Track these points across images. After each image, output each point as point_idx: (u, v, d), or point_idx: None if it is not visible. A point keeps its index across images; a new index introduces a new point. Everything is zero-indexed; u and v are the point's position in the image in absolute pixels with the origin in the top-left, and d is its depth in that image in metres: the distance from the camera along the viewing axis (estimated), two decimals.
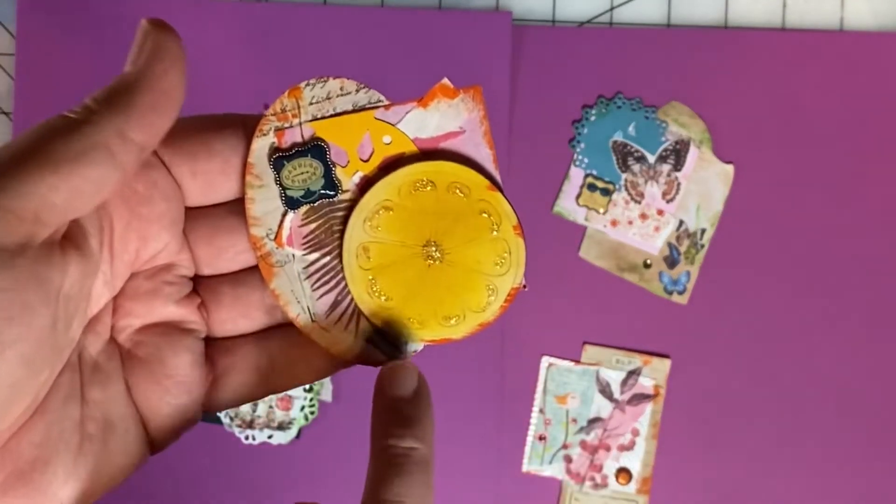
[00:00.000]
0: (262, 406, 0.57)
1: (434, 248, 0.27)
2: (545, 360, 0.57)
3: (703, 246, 0.57)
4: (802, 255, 0.57)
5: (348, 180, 0.27)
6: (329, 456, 0.57)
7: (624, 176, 0.57)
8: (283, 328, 0.28)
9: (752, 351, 0.57)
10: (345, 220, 0.27)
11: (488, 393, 0.57)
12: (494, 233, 0.28)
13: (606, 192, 0.57)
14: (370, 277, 0.27)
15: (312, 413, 0.57)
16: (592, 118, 0.57)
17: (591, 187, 0.57)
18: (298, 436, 0.57)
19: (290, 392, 0.57)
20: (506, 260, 0.28)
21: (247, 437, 0.57)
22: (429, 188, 0.27)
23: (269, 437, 0.57)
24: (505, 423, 0.57)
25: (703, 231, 0.57)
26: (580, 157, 0.57)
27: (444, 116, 0.27)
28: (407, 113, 0.27)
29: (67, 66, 0.58)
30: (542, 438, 0.57)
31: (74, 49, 0.57)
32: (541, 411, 0.57)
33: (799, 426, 0.57)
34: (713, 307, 0.57)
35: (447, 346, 0.60)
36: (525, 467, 0.57)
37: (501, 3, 0.58)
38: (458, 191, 0.27)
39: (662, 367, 0.57)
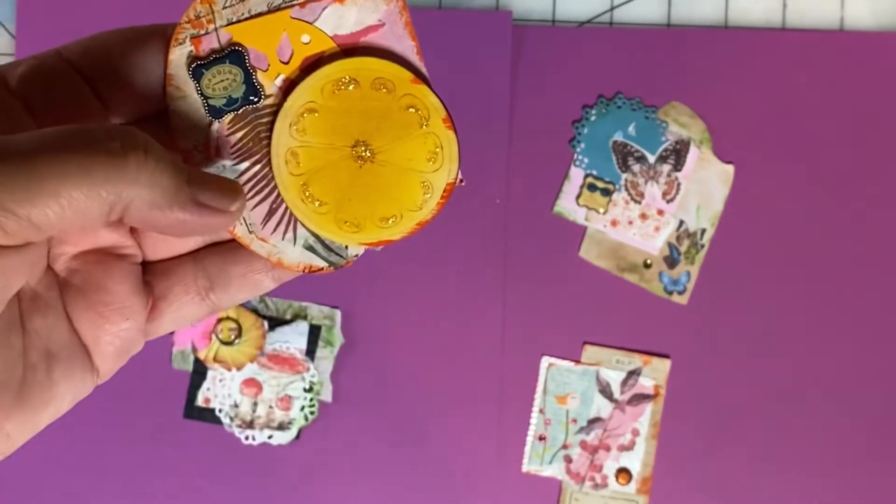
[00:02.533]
0: (262, 406, 0.57)
1: (364, 149, 0.26)
2: (545, 360, 0.57)
3: (703, 246, 0.57)
4: (802, 254, 0.57)
5: (271, 84, 0.26)
6: (329, 456, 0.57)
7: (624, 176, 0.57)
8: (219, 245, 0.28)
9: (752, 351, 0.57)
10: (271, 126, 0.26)
11: (488, 393, 0.57)
12: (424, 127, 0.27)
13: (606, 192, 0.57)
14: (302, 183, 0.27)
15: (312, 413, 0.57)
16: (592, 118, 0.57)
17: (591, 187, 0.57)
18: (298, 436, 0.57)
19: (289, 392, 0.57)
20: (438, 155, 0.27)
21: (247, 438, 0.57)
22: (352, 86, 0.26)
23: (269, 437, 0.57)
24: (505, 423, 0.57)
25: (703, 231, 0.57)
26: (580, 157, 0.57)
27: (363, 10, 0.26)
28: (324, 9, 0.26)
29: None
30: (542, 438, 0.57)
31: None
32: (541, 411, 0.57)
33: (799, 426, 0.57)
34: (713, 307, 0.57)
35: (446, 345, 0.60)
36: (525, 467, 0.57)
37: (501, 3, 0.58)
38: (382, 87, 0.26)
39: (662, 367, 0.57)
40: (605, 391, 0.57)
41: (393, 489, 0.57)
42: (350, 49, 0.26)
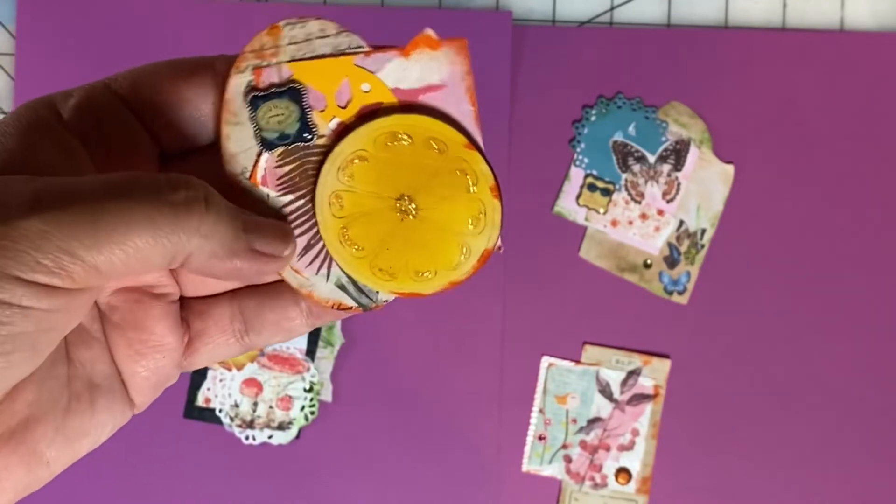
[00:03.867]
0: (262, 406, 0.57)
1: (408, 203, 0.27)
2: (545, 360, 0.57)
3: (703, 246, 0.57)
4: (802, 255, 0.57)
5: (325, 125, 0.27)
6: (329, 456, 0.57)
7: (624, 176, 0.57)
8: (257, 287, 0.28)
9: (752, 351, 0.57)
10: (320, 165, 0.27)
11: (488, 393, 0.57)
12: (470, 192, 0.27)
13: (606, 192, 0.57)
14: (342, 226, 0.27)
15: (312, 413, 0.57)
16: (592, 118, 0.57)
17: (592, 187, 0.57)
18: (298, 436, 0.57)
19: (290, 392, 0.57)
20: (480, 220, 0.27)
21: (247, 437, 0.57)
22: (405, 142, 0.26)
23: (269, 437, 0.57)
24: (505, 423, 0.57)
25: (703, 231, 0.57)
26: (580, 157, 0.57)
27: (426, 68, 0.26)
28: (388, 62, 0.26)
29: (67, 66, 0.58)
30: (542, 438, 0.57)
31: (74, 49, 0.57)
32: (541, 411, 0.57)
33: (799, 426, 0.57)
34: (713, 307, 0.57)
35: (446, 345, 0.60)
36: (525, 467, 0.57)
37: (501, 3, 0.58)
38: (435, 147, 0.27)
39: (662, 367, 0.57)
40: (605, 391, 0.57)
41: (393, 489, 0.57)
42: (408, 105, 0.27)
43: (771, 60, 0.57)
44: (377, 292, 0.28)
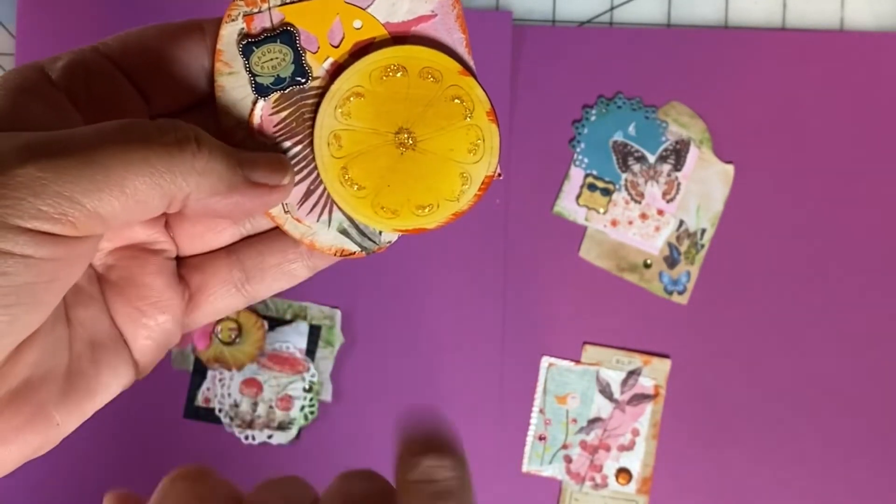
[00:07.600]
0: (262, 406, 0.57)
1: (406, 136, 0.27)
2: (545, 360, 0.57)
3: (703, 246, 0.57)
4: (802, 254, 0.57)
5: (319, 67, 0.26)
6: (329, 456, 0.57)
7: (624, 176, 0.57)
8: (253, 238, 0.28)
9: (752, 351, 0.57)
10: (316, 108, 0.27)
11: (488, 393, 0.57)
12: (468, 119, 0.27)
13: (606, 192, 0.57)
14: (342, 166, 0.27)
15: (312, 413, 0.57)
16: (592, 118, 0.57)
17: (592, 187, 0.57)
18: (298, 436, 0.57)
19: (290, 392, 0.57)
20: (479, 147, 0.27)
21: (247, 437, 0.57)
22: (400, 74, 0.26)
23: (269, 437, 0.57)
24: (505, 423, 0.57)
25: (703, 231, 0.57)
26: (580, 157, 0.57)
27: (415, 0, 0.26)
28: None
29: None
30: (542, 438, 0.57)
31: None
32: (541, 411, 0.57)
33: (799, 426, 0.57)
34: (713, 307, 0.57)
35: (446, 345, 0.60)
36: (525, 467, 0.57)
37: (501, 3, 0.58)
38: (430, 76, 0.27)
39: (662, 367, 0.57)
40: (605, 391, 0.57)
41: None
42: (400, 37, 0.26)
43: (771, 60, 0.57)
44: (380, 233, 0.28)
